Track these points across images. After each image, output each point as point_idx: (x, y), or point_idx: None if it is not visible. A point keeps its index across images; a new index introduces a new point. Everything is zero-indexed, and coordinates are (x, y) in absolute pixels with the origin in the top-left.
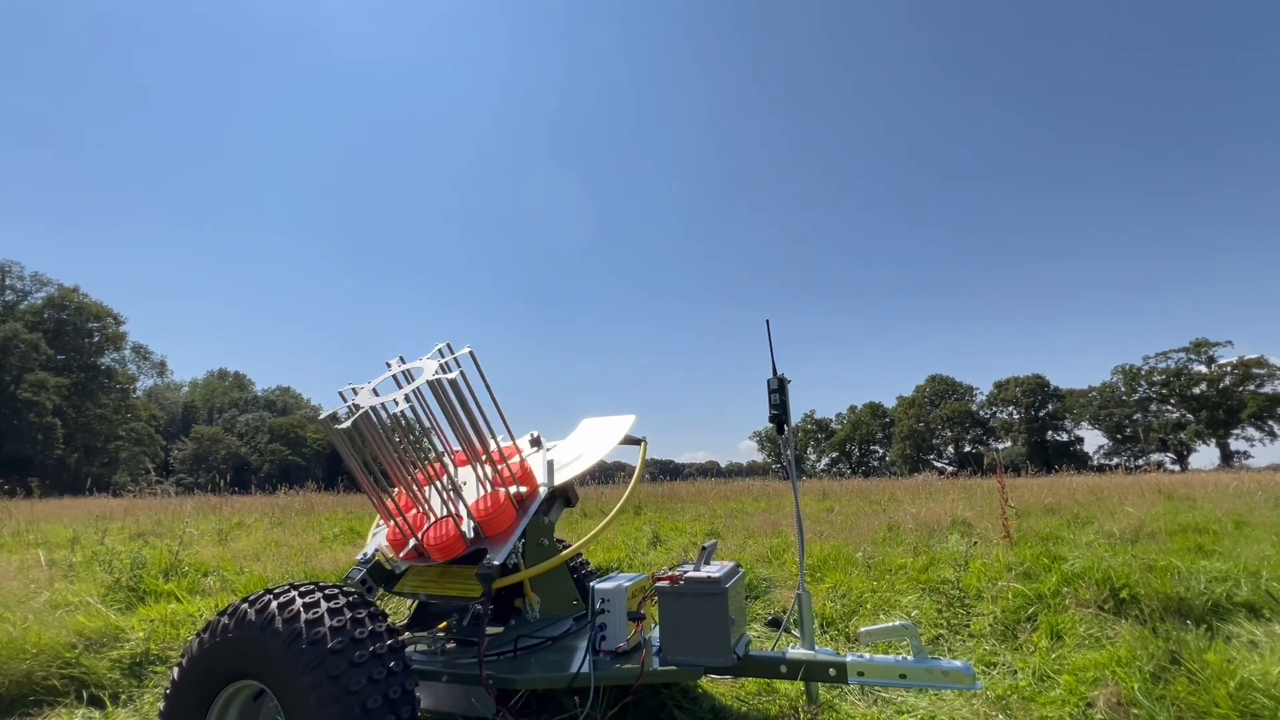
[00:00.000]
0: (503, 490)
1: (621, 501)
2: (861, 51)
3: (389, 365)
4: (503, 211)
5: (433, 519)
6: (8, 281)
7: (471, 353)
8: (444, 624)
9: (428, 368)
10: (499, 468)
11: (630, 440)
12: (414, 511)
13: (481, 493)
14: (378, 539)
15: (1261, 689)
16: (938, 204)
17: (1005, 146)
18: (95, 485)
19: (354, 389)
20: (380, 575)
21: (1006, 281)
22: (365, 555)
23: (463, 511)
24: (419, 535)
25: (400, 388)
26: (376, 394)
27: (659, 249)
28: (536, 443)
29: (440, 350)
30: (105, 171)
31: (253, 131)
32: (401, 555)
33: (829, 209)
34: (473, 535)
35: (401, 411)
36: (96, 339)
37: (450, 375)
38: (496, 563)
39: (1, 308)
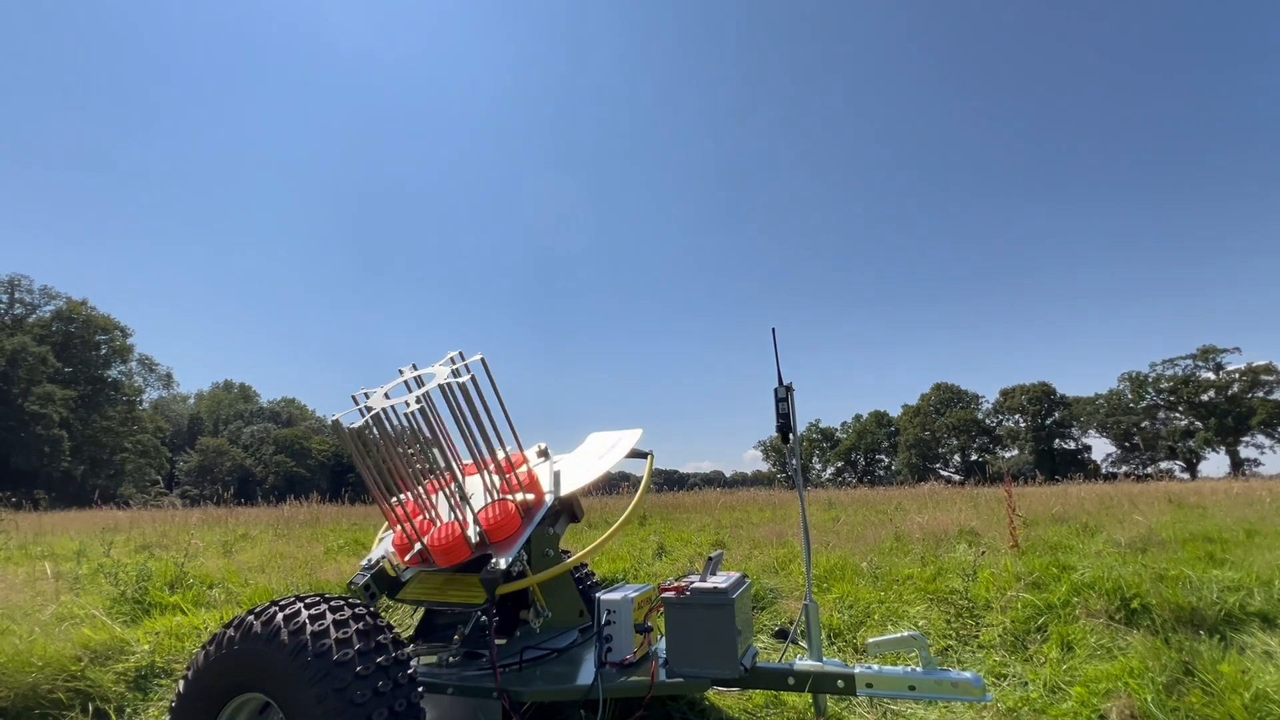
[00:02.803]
0: (509, 498)
1: (626, 513)
2: (866, 58)
3: (401, 372)
4: (506, 221)
5: (439, 524)
6: (17, 295)
7: (483, 360)
8: (456, 636)
9: (439, 373)
10: (506, 476)
11: (637, 454)
12: (420, 518)
13: (489, 500)
14: (384, 545)
15: (1277, 700)
16: (941, 211)
17: (1009, 153)
18: (101, 497)
19: (366, 393)
20: (384, 582)
21: (1011, 289)
22: (370, 561)
23: (469, 516)
24: (424, 540)
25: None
26: (388, 398)
27: (662, 257)
28: (544, 454)
29: (452, 358)
30: (112, 184)
31: (257, 142)
32: (406, 560)
33: (833, 217)
34: (478, 540)
35: (412, 413)
36: (104, 351)
37: (461, 379)
38: (502, 566)
39: (10, 321)
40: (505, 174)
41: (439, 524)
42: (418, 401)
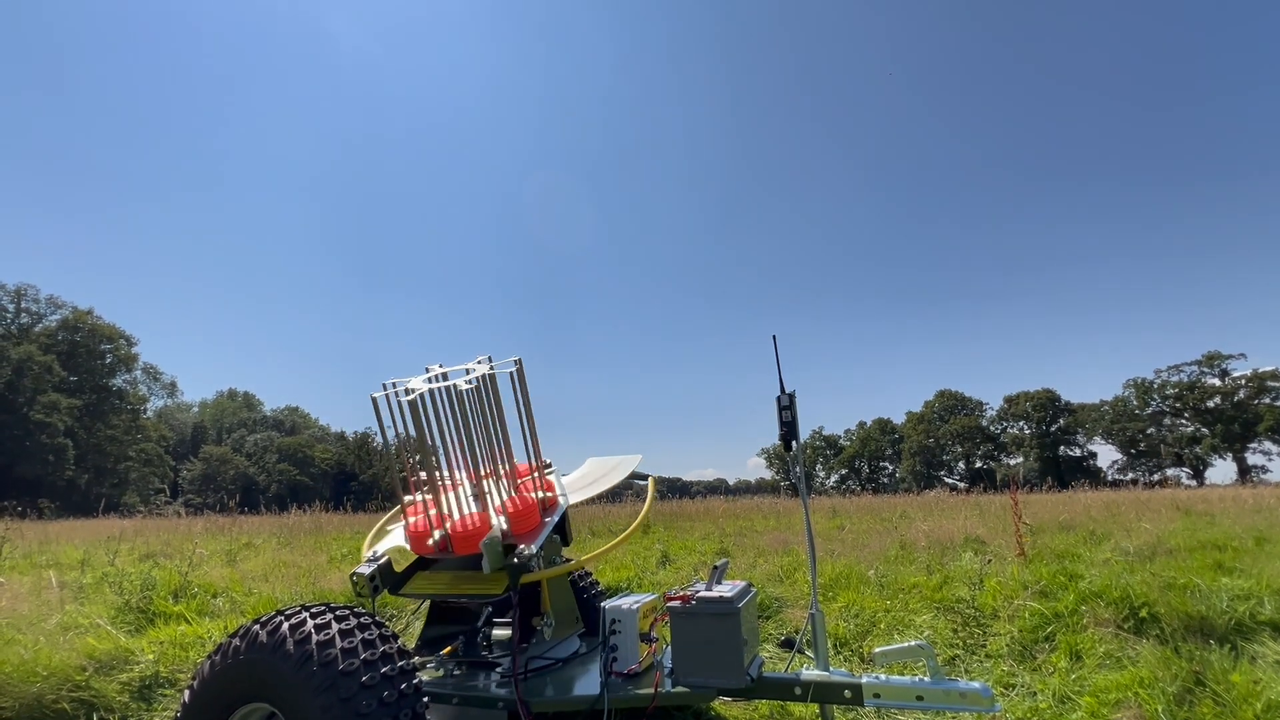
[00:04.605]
0: (532, 494)
1: (630, 528)
2: (870, 60)
3: (428, 369)
4: (509, 227)
5: (456, 516)
6: (23, 304)
7: (519, 363)
8: (449, 648)
9: (476, 369)
10: (528, 477)
11: (637, 477)
12: (433, 512)
13: (505, 497)
14: (391, 538)
15: None
16: (944, 217)
17: (1014, 158)
18: (105, 506)
19: (393, 382)
20: (389, 576)
21: (1015, 295)
22: (376, 553)
23: (491, 507)
24: (444, 528)
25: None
26: (430, 383)
27: (664, 263)
28: (547, 468)
29: (480, 361)
30: (117, 193)
31: (261, 151)
32: (427, 545)
33: (836, 223)
34: (504, 529)
35: (466, 391)
36: (109, 360)
37: (509, 370)
38: (532, 551)
39: (16, 330)
40: (507, 179)
41: (456, 516)
42: (469, 383)
